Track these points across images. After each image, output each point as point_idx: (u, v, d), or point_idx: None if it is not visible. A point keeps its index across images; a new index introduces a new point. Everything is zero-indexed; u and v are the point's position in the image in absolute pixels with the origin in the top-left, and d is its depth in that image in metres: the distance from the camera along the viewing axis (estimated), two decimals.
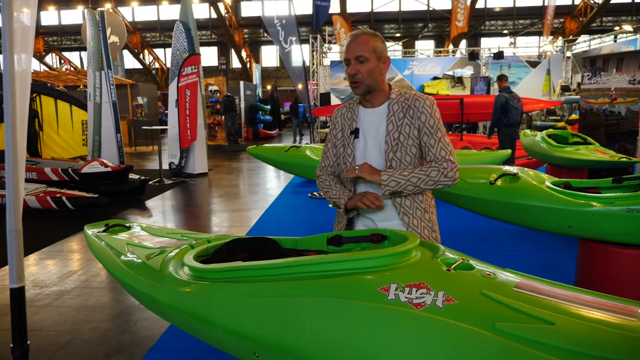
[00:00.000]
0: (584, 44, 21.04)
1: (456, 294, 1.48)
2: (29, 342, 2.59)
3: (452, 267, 1.63)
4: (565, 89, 17.99)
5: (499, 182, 3.83)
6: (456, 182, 2.18)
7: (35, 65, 38.94)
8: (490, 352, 1.32)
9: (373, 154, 2.26)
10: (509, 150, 6.39)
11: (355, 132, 2.30)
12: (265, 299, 1.74)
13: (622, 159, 5.68)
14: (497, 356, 1.31)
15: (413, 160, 2.22)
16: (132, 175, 9.08)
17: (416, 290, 1.51)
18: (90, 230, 2.99)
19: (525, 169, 4.08)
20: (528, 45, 27.79)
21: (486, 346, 1.33)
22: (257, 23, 34.55)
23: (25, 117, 2.63)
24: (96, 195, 7.67)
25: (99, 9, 11.75)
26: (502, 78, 9.62)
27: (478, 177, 4.00)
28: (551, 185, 3.68)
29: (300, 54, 14.30)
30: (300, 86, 15.03)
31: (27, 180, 8.45)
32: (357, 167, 2.20)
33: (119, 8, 37.17)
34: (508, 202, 3.74)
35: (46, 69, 36.86)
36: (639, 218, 3.20)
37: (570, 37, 26.59)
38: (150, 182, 10.02)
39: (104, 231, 2.96)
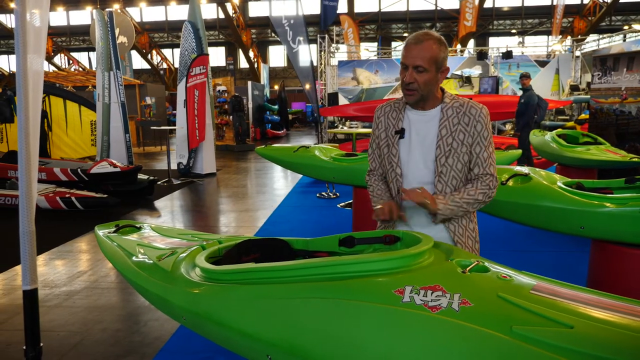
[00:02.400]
0: (593, 43, 20.91)
1: (472, 297, 1.46)
2: (42, 344, 2.59)
3: (468, 269, 1.61)
4: (574, 88, 17.89)
5: (510, 183, 3.80)
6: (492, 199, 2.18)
7: (44, 65, 39.13)
8: (508, 356, 1.30)
9: (418, 157, 2.17)
10: (520, 151, 6.34)
11: (401, 132, 2.20)
12: (278, 301, 1.72)
13: (634, 159, 5.63)
14: None
15: (464, 168, 2.15)
16: (140, 176, 9.11)
17: (431, 293, 1.49)
18: (101, 231, 3.00)
19: (537, 169, 4.05)
20: (537, 45, 27.66)
21: (504, 350, 1.31)
22: (264, 23, 34.61)
23: (38, 117, 2.63)
24: (105, 196, 7.70)
25: (107, 9, 11.80)
26: (526, 76, 9.56)
27: None
28: (563, 186, 3.65)
29: (308, 53, 14.27)
30: (308, 86, 15.02)
31: (37, 181, 8.48)
32: (418, 190, 2.09)
33: (127, 8, 37.31)
34: (519, 203, 3.71)
35: (55, 69, 37.07)
36: None
37: (579, 36, 26.44)
38: (158, 182, 10.05)
39: (114, 232, 2.96)
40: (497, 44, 33.35)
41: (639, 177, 3.80)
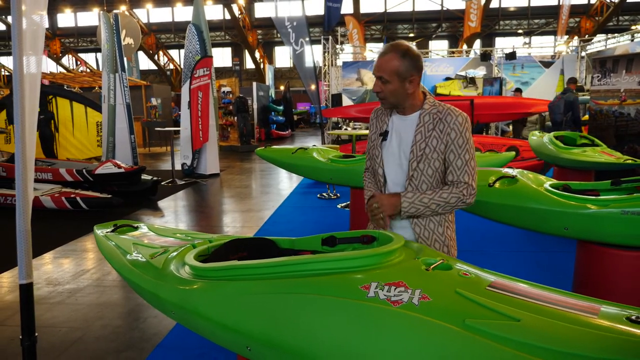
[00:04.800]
0: (599, 43, 20.88)
1: (432, 292, 1.57)
2: (37, 334, 2.72)
3: (432, 267, 1.72)
4: (579, 89, 17.90)
5: (497, 185, 3.89)
6: (471, 205, 2.23)
7: (52, 66, 39.50)
8: (459, 346, 1.42)
9: (396, 159, 2.28)
10: (513, 153, 6.41)
11: (384, 135, 2.33)
12: (258, 296, 1.84)
13: (628, 161, 5.70)
14: (465, 350, 1.41)
15: (435, 174, 2.21)
16: (144, 176, 9.24)
17: (395, 289, 1.61)
18: (100, 231, 3.12)
19: (525, 171, 4.13)
20: (543, 45, 27.63)
21: (456, 341, 1.43)
22: (270, 24, 34.59)
23: (35, 119, 2.70)
24: (109, 196, 7.84)
25: (113, 11, 11.96)
26: (570, 81, 10.04)
27: (477, 180, 4.04)
28: (549, 188, 3.73)
29: (311, 55, 14.35)
30: (313, 87, 15.09)
31: (43, 181, 8.66)
32: (375, 204, 2.21)
33: (134, 10, 37.57)
34: (506, 204, 3.80)
35: (63, 70, 37.37)
36: (633, 220, 3.25)
37: (586, 36, 26.39)
38: (163, 183, 10.19)
39: (112, 231, 3.08)
40: (503, 45, 33.34)
41: (625, 180, 3.89)
